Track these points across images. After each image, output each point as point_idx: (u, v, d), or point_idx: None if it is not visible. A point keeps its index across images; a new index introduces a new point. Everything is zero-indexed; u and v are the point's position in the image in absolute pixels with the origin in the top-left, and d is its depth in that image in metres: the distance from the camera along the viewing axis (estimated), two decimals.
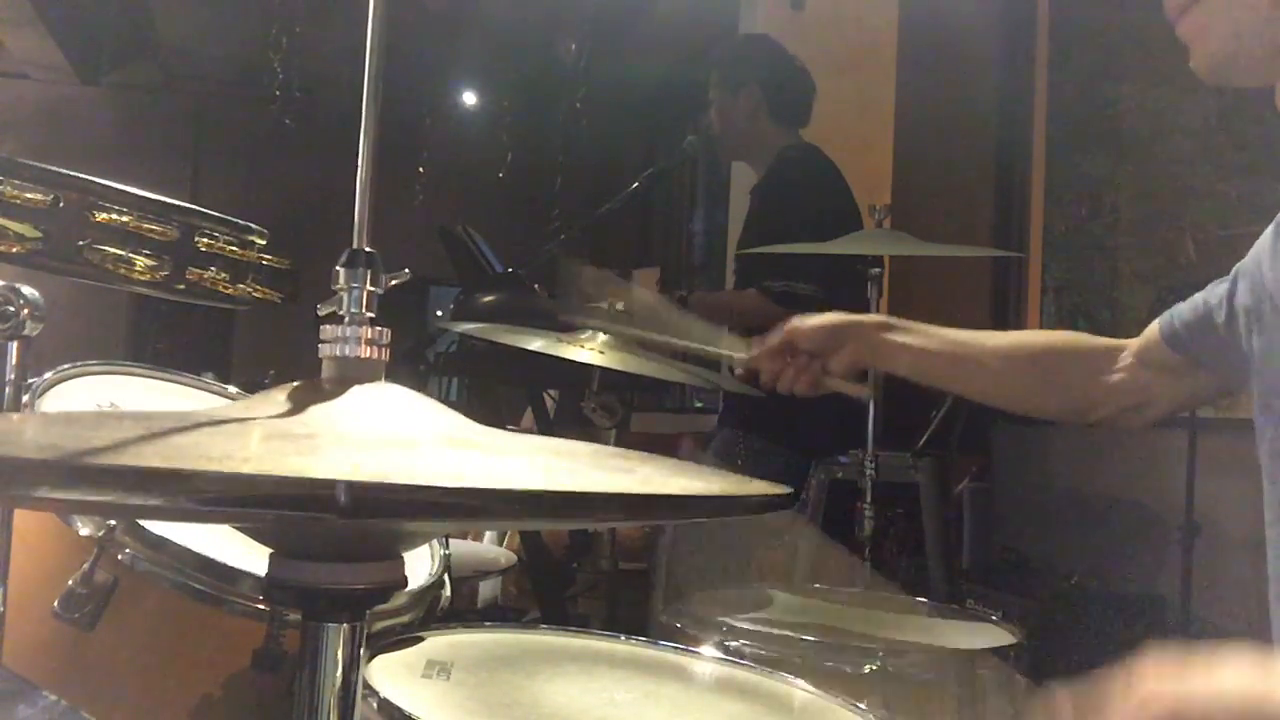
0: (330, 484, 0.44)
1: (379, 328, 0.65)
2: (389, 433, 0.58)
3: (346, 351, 0.64)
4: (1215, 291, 1.11)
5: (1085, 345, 1.31)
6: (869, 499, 1.92)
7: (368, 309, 0.65)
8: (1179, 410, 1.23)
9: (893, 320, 1.37)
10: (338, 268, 0.65)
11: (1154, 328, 1.21)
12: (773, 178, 2.60)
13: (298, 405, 0.59)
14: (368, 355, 0.64)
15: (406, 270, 0.68)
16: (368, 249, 0.66)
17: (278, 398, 0.60)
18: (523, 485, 0.50)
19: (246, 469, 0.45)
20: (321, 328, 0.64)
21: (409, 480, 0.47)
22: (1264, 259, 1.00)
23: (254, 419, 0.57)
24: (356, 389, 0.62)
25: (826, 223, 2.23)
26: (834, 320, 1.38)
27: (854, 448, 2.02)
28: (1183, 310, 1.16)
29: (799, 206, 2.48)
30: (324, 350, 0.64)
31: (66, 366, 1.24)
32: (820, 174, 2.59)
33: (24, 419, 0.71)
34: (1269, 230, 1.01)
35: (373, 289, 0.65)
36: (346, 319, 0.64)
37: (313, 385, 0.62)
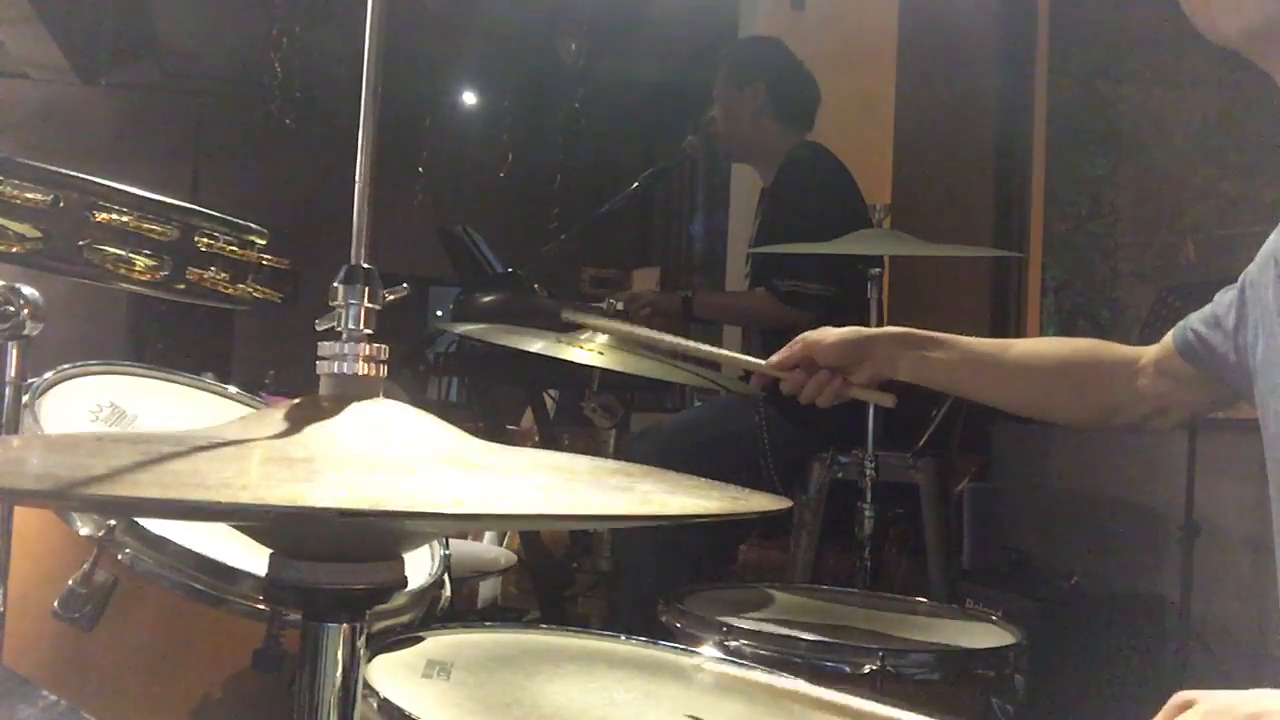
0: (328, 512, 0.44)
1: (377, 344, 0.65)
2: (386, 454, 0.57)
3: (344, 369, 0.63)
4: (1223, 300, 1.11)
5: (1106, 354, 1.30)
6: (869, 499, 1.92)
7: (366, 325, 0.64)
8: (1200, 416, 1.23)
9: (912, 332, 1.37)
10: (335, 284, 0.65)
11: (1169, 338, 1.21)
12: (783, 180, 2.59)
13: (295, 425, 0.59)
14: (366, 371, 0.64)
15: (405, 285, 0.67)
16: (365, 265, 0.65)
17: (276, 416, 0.60)
18: (521, 510, 0.51)
19: (244, 498, 0.45)
20: (319, 344, 0.64)
21: (406, 507, 0.47)
22: (1269, 268, 0.99)
23: (252, 440, 0.57)
24: (355, 406, 0.61)
25: (837, 221, 2.23)
26: (853, 335, 1.39)
27: (854, 448, 2.02)
28: (1194, 320, 1.16)
29: (810, 207, 2.48)
30: (322, 367, 0.64)
31: (66, 366, 1.24)
32: (829, 173, 2.59)
33: (25, 444, 0.71)
34: (1272, 236, 1.01)
35: (371, 305, 0.65)
36: (344, 335, 0.64)
37: (311, 403, 0.62)
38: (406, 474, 0.55)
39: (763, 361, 1.44)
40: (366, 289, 0.64)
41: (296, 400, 0.62)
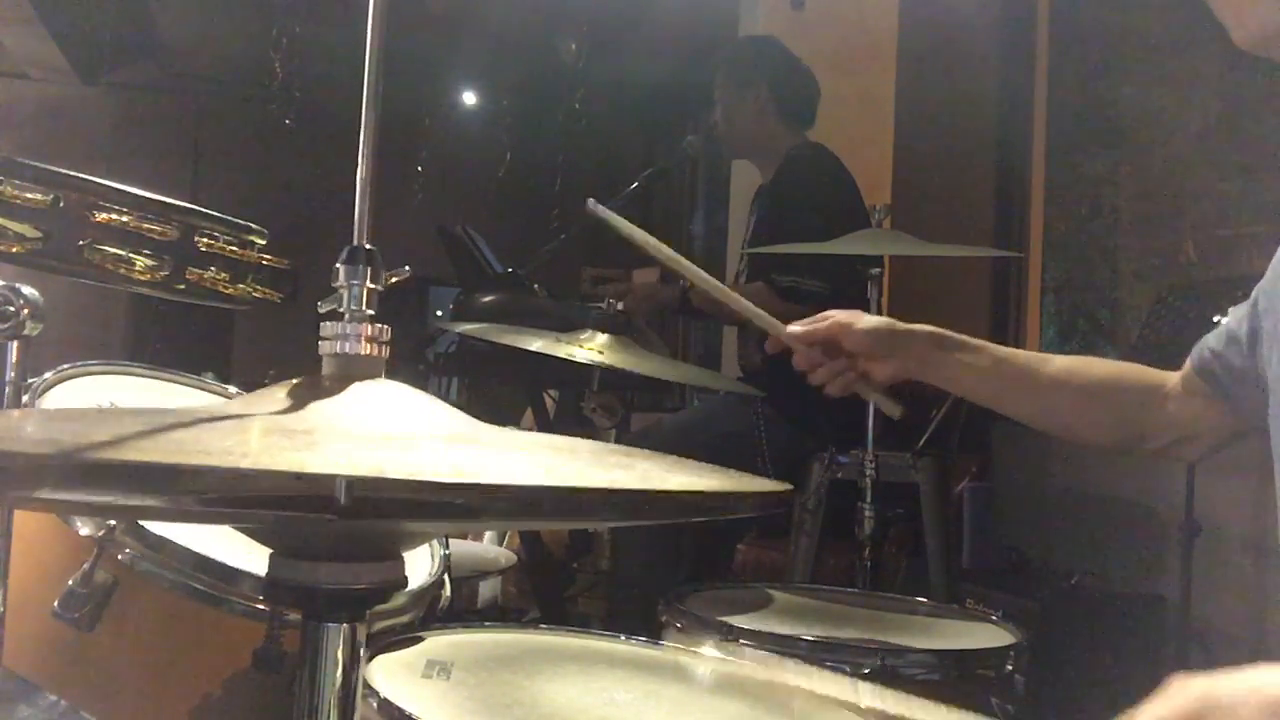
0: (329, 479, 0.44)
1: (379, 325, 0.65)
2: (388, 429, 0.57)
3: (347, 348, 0.64)
4: (1237, 315, 1.09)
5: (1138, 377, 1.27)
6: (869, 499, 1.92)
7: (368, 306, 0.65)
8: (1226, 444, 1.20)
9: (946, 334, 1.31)
10: (338, 265, 0.65)
11: (1189, 360, 1.19)
12: (782, 178, 2.60)
13: (298, 402, 0.59)
14: (368, 352, 0.64)
15: (407, 267, 0.68)
16: (368, 246, 0.66)
17: (278, 394, 0.60)
18: (521, 480, 0.50)
19: (245, 464, 0.45)
20: (322, 324, 0.65)
21: (406, 476, 0.47)
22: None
23: (254, 415, 0.57)
24: (356, 385, 0.62)
25: (836, 221, 2.23)
26: (886, 326, 1.32)
27: (854, 448, 2.02)
28: (1210, 339, 1.14)
29: (809, 206, 2.48)
30: (324, 347, 0.64)
31: (66, 366, 1.24)
32: (829, 173, 2.59)
33: (24, 415, 0.71)
34: None
35: (373, 286, 0.65)
36: (347, 316, 0.64)
37: (313, 382, 0.62)
38: (408, 447, 0.55)
39: (785, 328, 1.36)
40: (369, 269, 0.65)
41: (297, 380, 0.63)
